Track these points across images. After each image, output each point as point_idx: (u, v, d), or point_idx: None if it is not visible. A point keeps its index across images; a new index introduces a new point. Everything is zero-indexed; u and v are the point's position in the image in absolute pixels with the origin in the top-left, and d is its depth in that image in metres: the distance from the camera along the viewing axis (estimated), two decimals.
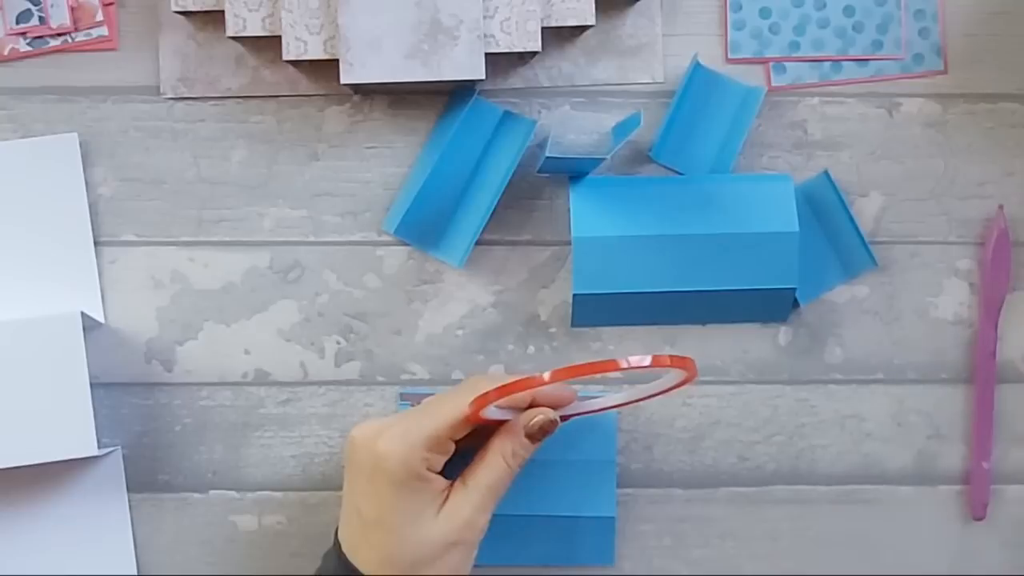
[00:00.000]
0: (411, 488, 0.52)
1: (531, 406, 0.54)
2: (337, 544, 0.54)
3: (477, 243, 0.61)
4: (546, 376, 0.49)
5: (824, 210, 0.62)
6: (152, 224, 0.62)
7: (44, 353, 0.57)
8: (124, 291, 0.62)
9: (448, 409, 0.52)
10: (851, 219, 0.62)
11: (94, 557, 0.61)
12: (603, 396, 0.59)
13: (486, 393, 0.50)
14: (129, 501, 0.62)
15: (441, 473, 0.53)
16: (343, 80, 0.58)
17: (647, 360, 0.49)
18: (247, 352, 0.62)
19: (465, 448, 0.54)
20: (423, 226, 0.61)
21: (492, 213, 0.60)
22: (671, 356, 0.50)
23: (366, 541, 0.52)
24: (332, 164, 0.62)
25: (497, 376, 0.56)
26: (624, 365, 0.49)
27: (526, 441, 0.53)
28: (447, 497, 0.53)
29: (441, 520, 0.52)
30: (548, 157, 0.58)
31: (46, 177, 0.61)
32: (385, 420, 0.54)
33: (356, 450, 0.53)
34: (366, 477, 0.52)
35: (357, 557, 0.53)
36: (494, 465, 0.53)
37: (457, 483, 0.53)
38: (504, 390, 0.50)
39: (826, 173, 0.62)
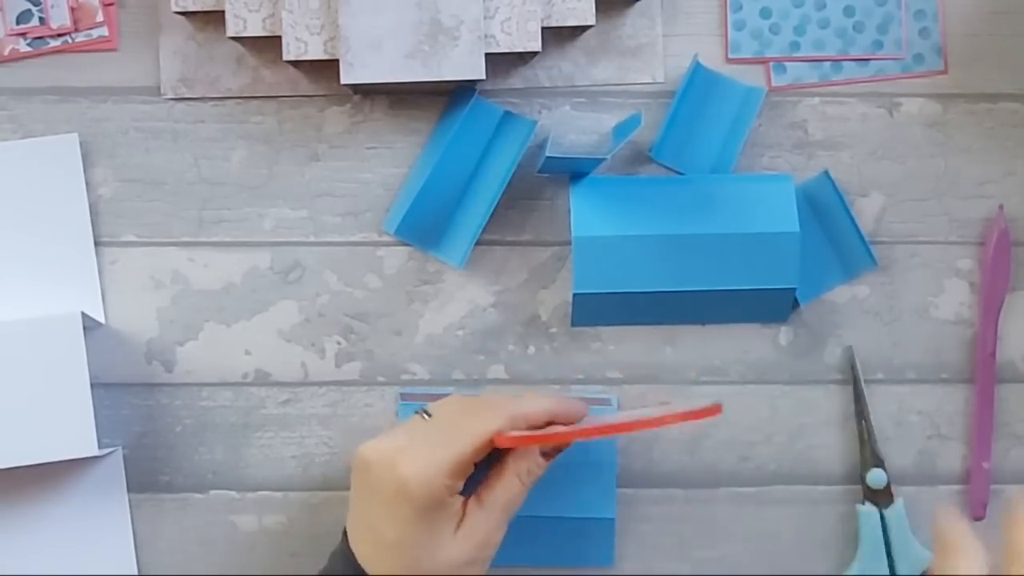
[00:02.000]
0: (433, 513, 0.52)
1: (548, 424, 0.55)
2: (346, 547, 0.54)
3: (477, 243, 0.61)
4: (578, 427, 0.54)
5: (824, 210, 0.62)
6: (152, 224, 0.62)
7: (44, 353, 0.57)
8: (124, 291, 0.62)
9: (473, 435, 0.52)
10: (851, 219, 0.62)
11: (94, 557, 0.61)
12: (616, 413, 0.61)
13: (521, 437, 0.52)
14: (129, 501, 0.62)
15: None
16: (343, 80, 0.58)
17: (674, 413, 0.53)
18: (247, 352, 0.62)
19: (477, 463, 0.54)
20: (423, 226, 0.61)
21: (492, 213, 0.60)
22: (696, 410, 0.53)
23: (384, 561, 0.52)
24: (332, 164, 0.62)
25: (521, 399, 0.56)
26: (657, 426, 0.54)
27: (541, 460, 0.55)
28: (463, 516, 0.53)
29: (459, 540, 0.52)
30: (548, 157, 0.58)
31: (46, 177, 0.61)
32: (395, 438, 0.53)
33: (371, 469, 0.52)
34: (385, 500, 0.52)
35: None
36: (510, 484, 0.54)
37: (472, 501, 0.54)
38: (537, 439, 0.53)
39: (826, 173, 0.62)
